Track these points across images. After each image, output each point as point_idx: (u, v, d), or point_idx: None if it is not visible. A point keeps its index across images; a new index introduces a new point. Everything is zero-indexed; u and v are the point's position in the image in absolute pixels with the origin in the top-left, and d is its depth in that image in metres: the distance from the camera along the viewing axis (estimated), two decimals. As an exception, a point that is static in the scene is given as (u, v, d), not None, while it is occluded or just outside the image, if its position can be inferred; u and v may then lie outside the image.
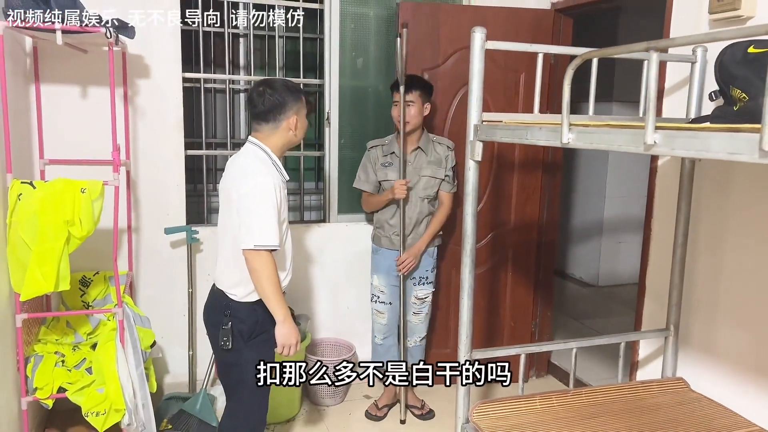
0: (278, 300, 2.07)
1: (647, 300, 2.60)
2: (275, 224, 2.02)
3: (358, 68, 3.28)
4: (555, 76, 3.19)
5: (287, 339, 2.09)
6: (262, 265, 2.02)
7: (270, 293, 2.05)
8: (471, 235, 2.01)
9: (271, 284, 2.04)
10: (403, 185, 2.82)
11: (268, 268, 2.02)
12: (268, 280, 2.03)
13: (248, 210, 2.03)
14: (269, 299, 2.06)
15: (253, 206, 2.03)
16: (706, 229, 2.30)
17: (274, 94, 2.11)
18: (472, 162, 1.95)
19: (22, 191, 2.21)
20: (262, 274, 2.02)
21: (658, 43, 1.21)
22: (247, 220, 2.03)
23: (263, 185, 2.03)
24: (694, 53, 2.19)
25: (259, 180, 2.04)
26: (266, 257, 2.02)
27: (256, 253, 2.01)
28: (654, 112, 1.22)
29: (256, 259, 2.02)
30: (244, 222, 2.04)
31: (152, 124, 2.94)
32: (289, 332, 2.09)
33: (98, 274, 2.85)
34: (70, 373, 2.46)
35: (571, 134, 1.47)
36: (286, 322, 2.09)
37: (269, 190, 2.03)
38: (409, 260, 2.89)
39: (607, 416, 2.13)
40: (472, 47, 1.89)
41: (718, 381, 2.26)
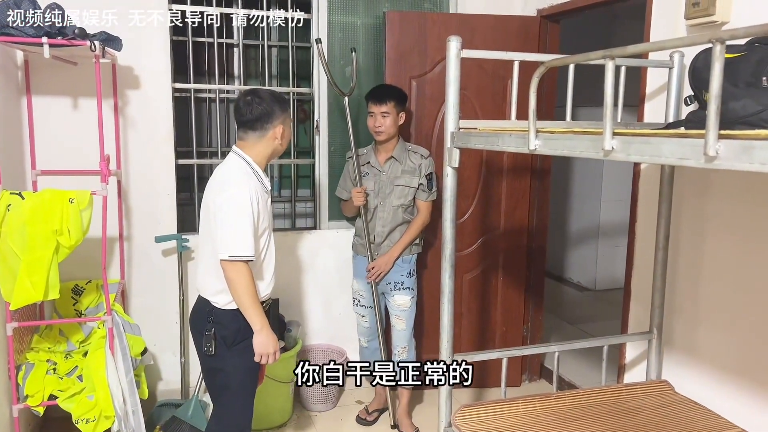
0: (255, 309, 2.08)
1: (632, 303, 2.62)
2: (250, 235, 2.05)
3: (346, 77, 3.31)
4: (542, 82, 3.21)
5: (264, 348, 2.12)
6: (237, 275, 2.04)
7: (246, 303, 2.07)
8: (450, 240, 2.03)
9: (247, 294, 2.06)
10: (359, 192, 2.89)
11: (244, 278, 2.05)
12: (245, 291, 2.05)
13: (224, 221, 2.06)
14: (246, 309, 2.08)
15: (228, 218, 2.05)
16: (687, 232, 2.31)
17: (261, 103, 2.14)
18: (450, 168, 1.98)
19: (11, 202, 2.25)
20: (238, 284, 2.05)
21: (613, 51, 1.24)
22: (222, 231, 2.06)
23: (239, 196, 2.05)
24: (671, 59, 2.22)
25: (234, 191, 2.06)
26: (242, 267, 2.04)
27: (232, 263, 2.04)
28: (611, 118, 1.24)
29: (231, 270, 2.04)
30: (219, 233, 2.06)
31: (143, 134, 2.99)
32: (266, 341, 2.11)
33: (90, 282, 2.89)
34: (62, 380, 2.50)
35: (538, 141, 1.50)
36: (263, 330, 2.10)
37: (245, 201, 2.05)
38: (378, 268, 2.92)
39: (589, 419, 2.15)
40: (448, 56, 1.92)
41: (701, 383, 2.27)
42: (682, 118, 2.12)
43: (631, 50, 1.18)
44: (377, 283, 2.98)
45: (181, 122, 3.10)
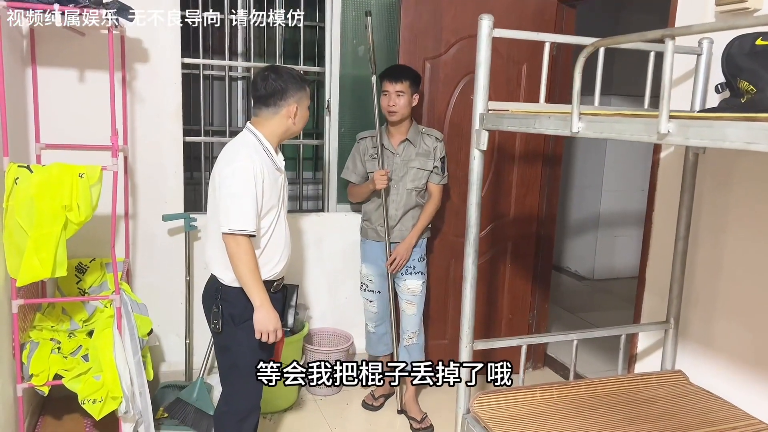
0: (255, 285, 2.04)
1: (647, 293, 2.60)
2: (252, 210, 2.01)
3: (359, 56, 3.25)
4: (556, 68, 3.17)
5: (264, 325, 2.07)
6: (237, 249, 2.01)
7: (246, 278, 2.03)
8: (475, 225, 2.00)
9: (247, 269, 2.02)
10: (383, 176, 2.79)
11: (244, 252, 2.01)
12: (245, 265, 2.02)
13: (227, 194, 2.03)
14: (245, 284, 2.05)
15: (231, 191, 2.03)
16: (707, 223, 2.29)
17: (277, 80, 2.10)
18: (477, 151, 1.94)
19: (19, 175, 2.17)
20: (237, 258, 2.02)
21: (674, 30, 1.19)
22: (225, 203, 2.03)
23: (243, 170, 2.02)
24: (700, 45, 2.18)
25: (239, 164, 2.03)
26: (242, 242, 2.01)
27: (232, 237, 2.01)
28: (668, 100, 1.21)
29: (231, 243, 2.02)
30: (222, 205, 2.04)
31: (151, 110, 2.91)
32: (266, 318, 2.06)
33: (94, 260, 2.82)
34: (66, 360, 2.44)
35: (581, 123, 1.46)
36: (262, 307, 2.05)
37: (249, 175, 2.02)
38: (399, 258, 2.88)
39: (605, 408, 2.14)
40: (480, 35, 1.88)
41: (716, 374, 2.26)
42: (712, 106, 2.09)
43: (696, 29, 1.14)
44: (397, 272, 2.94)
45: (185, 99, 3.02)
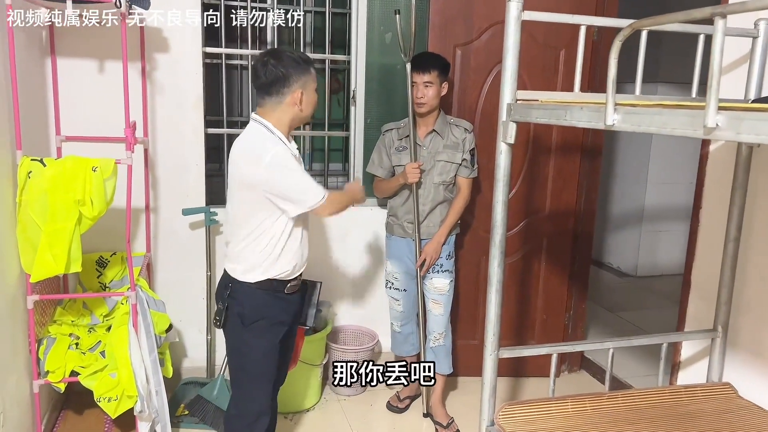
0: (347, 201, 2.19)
1: (692, 297, 2.40)
2: (309, 180, 2.03)
3: (386, 44, 3.11)
4: (597, 54, 2.97)
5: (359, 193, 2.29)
6: (330, 208, 2.08)
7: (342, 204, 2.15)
8: (501, 224, 1.84)
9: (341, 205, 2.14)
10: (416, 169, 2.65)
11: (336, 204, 2.11)
12: (339, 204, 2.13)
13: (281, 186, 1.97)
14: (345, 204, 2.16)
15: (283, 180, 1.98)
16: (761, 224, 2.09)
17: (278, 66, 1.97)
18: (504, 145, 1.79)
19: (32, 168, 2.12)
20: (335, 209, 2.11)
21: (725, 8, 1.02)
22: (288, 193, 1.99)
23: (279, 156, 1.96)
24: (757, 27, 1.97)
25: (271, 154, 1.95)
26: (327, 204, 2.04)
27: (321, 208, 2.03)
28: (717, 89, 1.04)
29: (323, 212, 2.08)
30: (286, 198, 1.99)
31: (171, 101, 2.84)
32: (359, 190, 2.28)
33: (115, 254, 2.78)
34: (84, 356, 2.40)
35: (616, 115, 1.30)
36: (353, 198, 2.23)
37: (284, 156, 1.98)
38: (430, 259, 2.74)
39: (645, 422, 1.97)
40: (507, 18, 1.71)
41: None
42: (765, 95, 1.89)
43: (752, 5, 0.97)
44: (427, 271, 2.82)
45: (208, 90, 2.94)
